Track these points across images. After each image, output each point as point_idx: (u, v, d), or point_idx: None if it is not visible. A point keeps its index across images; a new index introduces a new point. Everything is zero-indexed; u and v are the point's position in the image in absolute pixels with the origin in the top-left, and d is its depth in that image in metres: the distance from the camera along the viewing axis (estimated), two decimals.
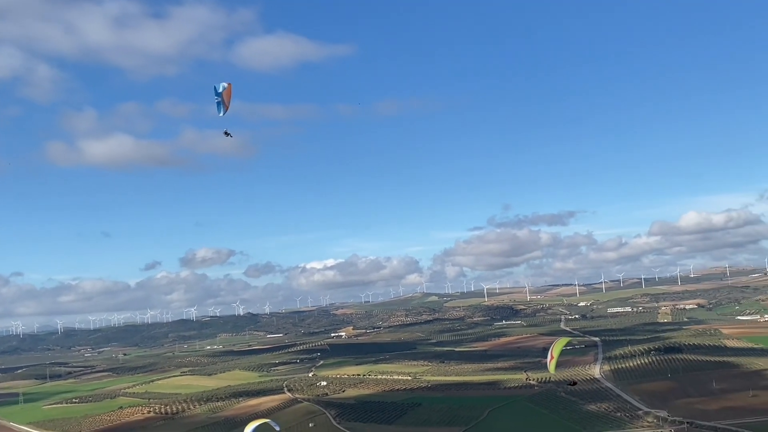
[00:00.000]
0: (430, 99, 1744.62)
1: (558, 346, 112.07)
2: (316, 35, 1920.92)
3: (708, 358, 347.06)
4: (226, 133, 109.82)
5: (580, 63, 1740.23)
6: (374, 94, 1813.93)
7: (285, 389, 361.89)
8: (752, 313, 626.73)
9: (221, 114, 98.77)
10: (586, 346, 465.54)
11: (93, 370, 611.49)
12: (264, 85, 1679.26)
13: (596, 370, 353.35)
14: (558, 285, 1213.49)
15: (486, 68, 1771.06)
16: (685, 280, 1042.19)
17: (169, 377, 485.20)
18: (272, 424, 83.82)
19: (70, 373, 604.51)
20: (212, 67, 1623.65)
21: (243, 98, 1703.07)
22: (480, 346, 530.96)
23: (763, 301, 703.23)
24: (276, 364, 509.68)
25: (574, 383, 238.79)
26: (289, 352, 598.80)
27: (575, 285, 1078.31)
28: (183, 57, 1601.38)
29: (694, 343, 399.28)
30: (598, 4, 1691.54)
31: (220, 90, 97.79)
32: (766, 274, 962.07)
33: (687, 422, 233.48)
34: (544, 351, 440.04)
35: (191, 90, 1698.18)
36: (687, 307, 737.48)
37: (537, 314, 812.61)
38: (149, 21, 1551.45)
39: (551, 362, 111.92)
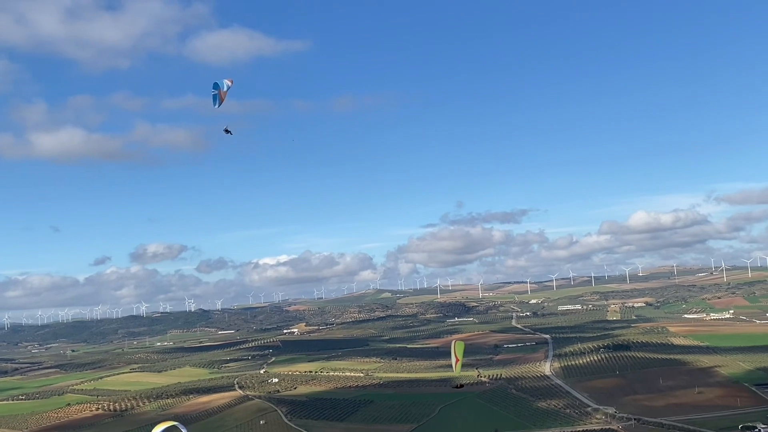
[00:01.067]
0: (385, 96, 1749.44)
1: (459, 348, 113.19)
2: (272, 30, 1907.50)
3: (655, 356, 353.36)
4: (226, 131, 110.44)
5: (532, 62, 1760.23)
6: (329, 90, 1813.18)
7: (236, 386, 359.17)
8: (698, 312, 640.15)
9: (216, 106, 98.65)
10: (536, 343, 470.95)
11: (40, 367, 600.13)
12: (219, 80, 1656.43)
13: (546, 367, 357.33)
14: (510, 282, 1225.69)
15: (440, 66, 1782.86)
16: (634, 278, 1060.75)
17: (118, 374, 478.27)
18: (179, 426, 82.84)
19: (16, 369, 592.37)
20: (166, 60, 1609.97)
21: (196, 93, 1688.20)
22: (432, 343, 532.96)
23: (709, 299, 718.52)
24: (227, 361, 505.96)
25: (461, 386, 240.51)
26: (240, 348, 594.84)
27: (527, 282, 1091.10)
28: (136, 50, 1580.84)
29: (642, 341, 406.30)
30: (547, 5, 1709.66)
31: (225, 89, 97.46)
32: (712, 273, 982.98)
33: (635, 419, 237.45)
34: (496, 348, 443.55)
35: (144, 83, 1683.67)
36: (635, 305, 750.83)
37: (489, 311, 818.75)
38: (102, 13, 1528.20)
39: (457, 364, 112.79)
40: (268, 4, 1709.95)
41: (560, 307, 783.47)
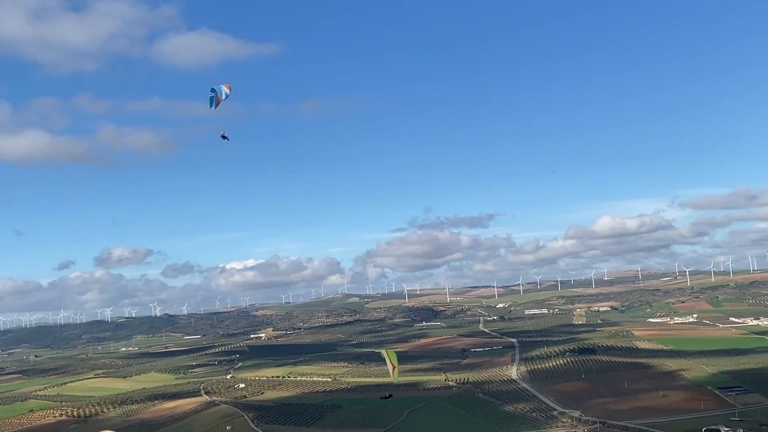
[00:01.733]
0: (355, 101, 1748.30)
1: (391, 356, 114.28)
2: (242, 34, 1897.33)
3: (620, 359, 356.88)
4: (223, 137, 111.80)
5: (501, 70, 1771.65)
6: (299, 94, 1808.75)
7: (202, 392, 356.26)
8: (662, 316, 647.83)
9: (213, 108, 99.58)
10: (503, 347, 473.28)
11: (3, 372, 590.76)
12: (186, 83, 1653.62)
13: (513, 371, 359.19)
14: (477, 287, 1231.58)
15: (409, 72, 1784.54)
16: (599, 282, 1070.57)
17: (82, 379, 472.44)
18: None
19: None
20: (133, 63, 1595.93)
21: (164, 95, 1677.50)
22: (400, 347, 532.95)
23: (673, 304, 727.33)
24: (193, 366, 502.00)
25: (389, 396, 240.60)
26: (207, 353, 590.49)
27: (494, 287, 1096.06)
28: (102, 52, 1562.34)
29: (607, 345, 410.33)
30: (510, 10, 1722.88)
31: (223, 97, 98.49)
32: (676, 277, 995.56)
33: (600, 422, 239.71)
34: (463, 352, 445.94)
35: (110, 86, 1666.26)
36: (601, 309, 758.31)
37: (457, 315, 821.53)
38: (68, 14, 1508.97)
39: (394, 371, 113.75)
40: (237, 8, 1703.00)
41: (527, 311, 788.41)
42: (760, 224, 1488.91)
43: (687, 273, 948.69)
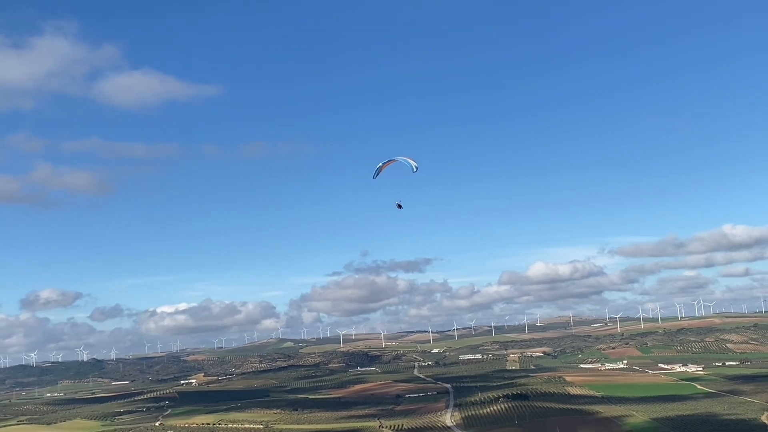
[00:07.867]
0: (294, 144, 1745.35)
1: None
2: (184, 74, 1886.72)
3: (553, 405, 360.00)
4: (399, 206, 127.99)
5: (434, 116, 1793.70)
6: (241, 135, 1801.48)
7: None
8: (593, 362, 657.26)
9: (373, 177, 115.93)
10: (438, 392, 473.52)
11: None
12: (126, 123, 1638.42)
13: (447, 418, 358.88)
14: (412, 332, 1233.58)
15: (347, 118, 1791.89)
16: (532, 328, 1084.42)
17: (5, 426, 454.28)
18: None
19: None
20: (71, 102, 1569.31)
21: (102, 135, 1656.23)
22: (335, 393, 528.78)
23: (603, 350, 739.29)
24: (121, 413, 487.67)
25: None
26: (135, 400, 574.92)
27: (429, 332, 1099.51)
28: (40, 91, 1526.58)
29: (540, 391, 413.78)
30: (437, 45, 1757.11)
31: (414, 170, 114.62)
32: (606, 324, 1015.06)
33: None
34: (398, 398, 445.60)
35: (48, 124, 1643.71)
36: (534, 354, 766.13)
37: (392, 361, 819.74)
38: (6, 51, 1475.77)
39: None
40: (181, 48, 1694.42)
41: (461, 357, 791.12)
42: (687, 272, 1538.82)
43: (617, 319, 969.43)
